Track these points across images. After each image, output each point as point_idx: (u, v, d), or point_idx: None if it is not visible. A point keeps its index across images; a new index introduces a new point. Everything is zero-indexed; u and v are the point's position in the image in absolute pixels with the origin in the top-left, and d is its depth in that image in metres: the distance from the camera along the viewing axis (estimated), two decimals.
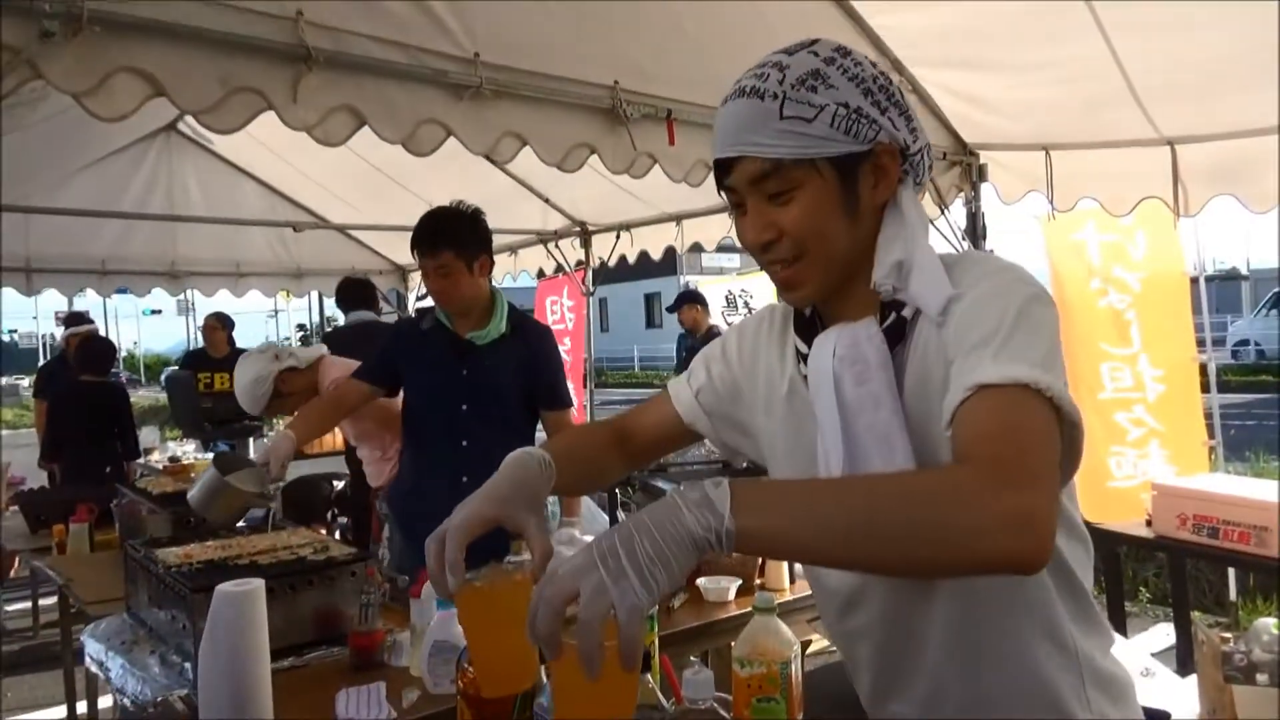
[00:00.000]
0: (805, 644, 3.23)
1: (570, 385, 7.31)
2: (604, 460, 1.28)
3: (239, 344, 6.71)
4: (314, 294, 10.98)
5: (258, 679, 1.59)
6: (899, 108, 1.04)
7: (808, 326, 1.12)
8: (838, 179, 1.01)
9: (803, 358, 1.10)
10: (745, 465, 4.07)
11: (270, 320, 39.02)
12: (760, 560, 2.44)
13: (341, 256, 6.66)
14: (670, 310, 7.02)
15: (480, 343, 2.62)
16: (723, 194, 1.07)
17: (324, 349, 3.35)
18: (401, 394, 2.80)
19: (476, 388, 2.61)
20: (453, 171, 4.61)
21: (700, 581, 2.35)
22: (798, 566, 2.56)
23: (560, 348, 7.25)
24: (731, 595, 2.32)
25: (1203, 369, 4.41)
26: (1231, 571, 4.49)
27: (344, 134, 2.26)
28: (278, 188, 5.99)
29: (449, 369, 2.62)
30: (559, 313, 7.35)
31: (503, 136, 2.51)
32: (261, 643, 1.61)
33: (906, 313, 1.02)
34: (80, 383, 5.21)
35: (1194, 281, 4.53)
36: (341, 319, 5.17)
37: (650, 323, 34.48)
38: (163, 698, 1.71)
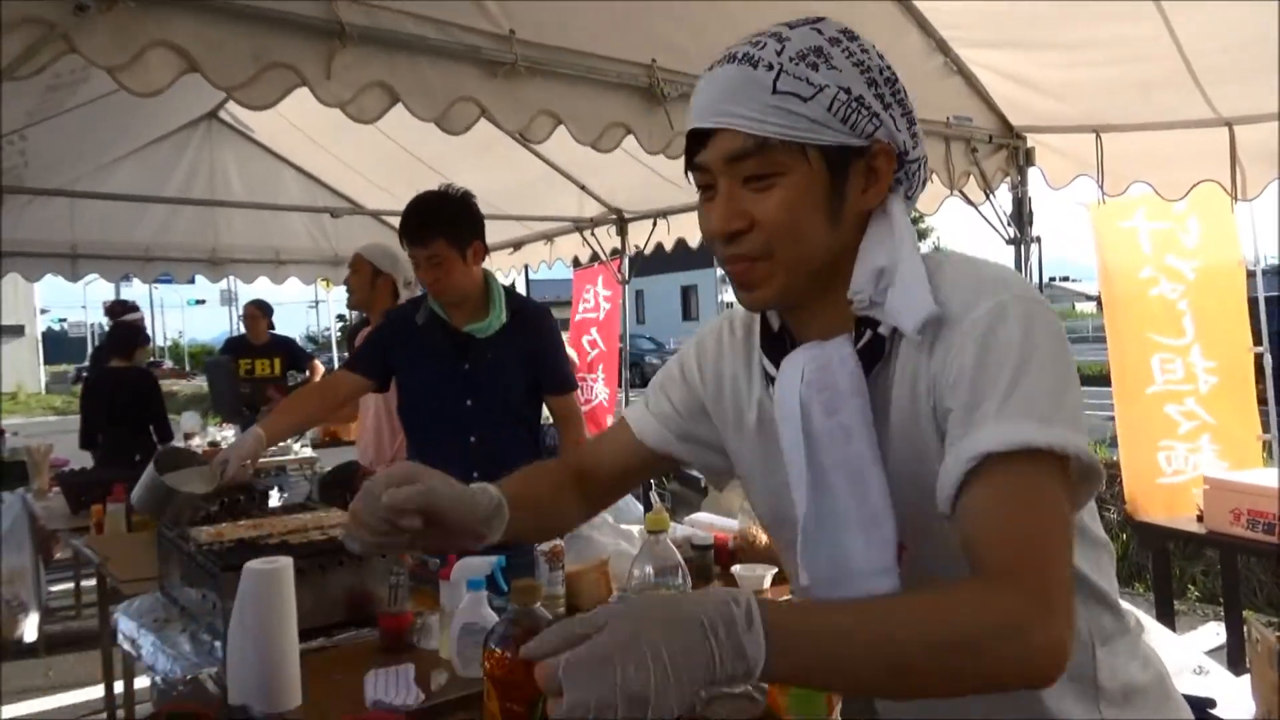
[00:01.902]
0: None
1: (602, 376, 7.30)
2: (560, 504, 1.19)
3: (280, 332, 6.81)
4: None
5: (285, 657, 1.57)
6: (903, 106, 0.94)
7: (776, 344, 1.01)
8: (826, 172, 0.90)
9: (771, 380, 1.00)
10: None
11: (311, 311, 39.58)
12: None
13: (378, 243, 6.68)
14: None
15: (481, 336, 2.49)
16: (689, 175, 0.96)
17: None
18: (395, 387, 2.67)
19: (480, 383, 2.49)
20: (489, 158, 4.61)
21: (735, 569, 2.30)
22: None
23: (588, 337, 7.17)
24: (767, 583, 2.27)
25: (1258, 361, 4.27)
26: None
27: (377, 111, 2.24)
28: (316, 175, 6.04)
29: (449, 365, 2.49)
30: (593, 301, 7.32)
31: (537, 115, 2.47)
32: (289, 621, 1.60)
33: (884, 330, 0.92)
34: (109, 369, 5.28)
35: (1250, 275, 4.39)
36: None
37: (687, 315, 34.44)
38: (192, 676, 1.70)
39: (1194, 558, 5.10)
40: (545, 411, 2.71)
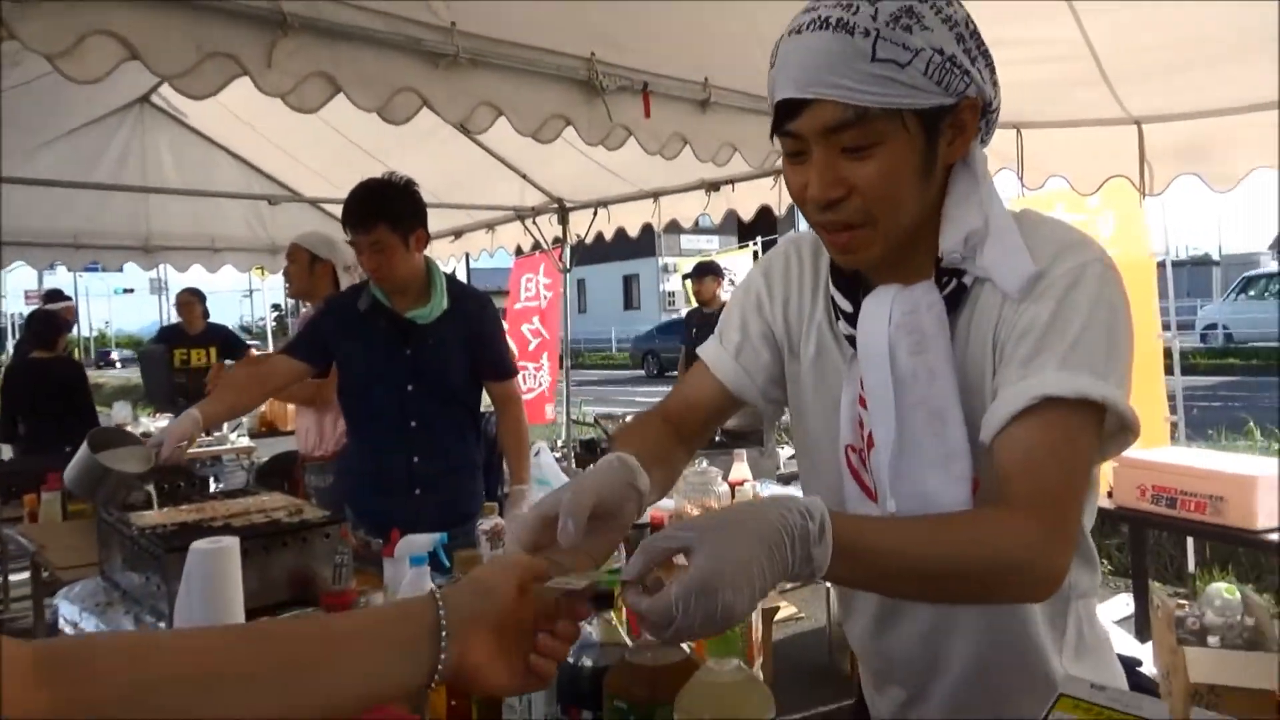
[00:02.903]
0: (774, 610, 3.31)
1: (546, 364, 7.33)
2: (673, 456, 1.17)
3: (215, 321, 6.70)
4: None
5: None
6: (986, 57, 0.94)
7: (847, 280, 1.04)
8: (922, 134, 0.91)
9: (842, 315, 1.04)
10: (717, 439, 4.14)
11: (245, 300, 38.72)
12: None
13: (314, 231, 6.62)
14: (688, 278, 6.71)
15: (422, 322, 2.53)
16: (775, 138, 0.96)
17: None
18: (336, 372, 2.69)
19: (422, 368, 2.54)
20: (430, 147, 4.62)
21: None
22: None
23: (529, 325, 7.18)
24: None
25: (1167, 351, 4.51)
26: (1190, 545, 4.61)
27: (318, 101, 2.26)
28: (253, 162, 5.95)
29: (391, 350, 2.53)
30: (534, 290, 7.35)
31: (478, 106, 2.51)
32: (236, 600, 1.64)
33: (967, 280, 0.97)
34: (31, 359, 5.18)
35: (1160, 265, 4.62)
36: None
37: (629, 304, 34.51)
38: None
39: (1110, 534, 5.35)
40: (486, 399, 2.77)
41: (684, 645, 0.97)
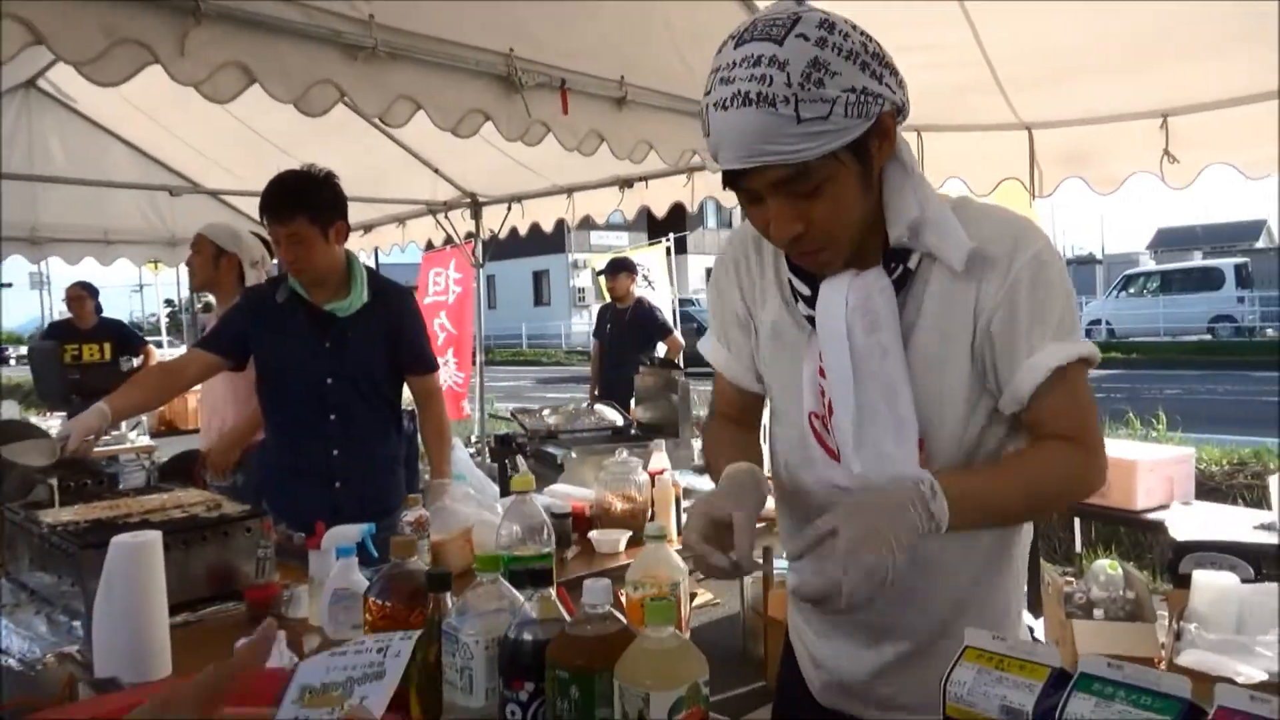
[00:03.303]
0: (690, 596, 3.38)
1: (454, 360, 7.27)
2: (759, 446, 1.35)
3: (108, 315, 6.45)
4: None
5: (155, 629, 1.59)
6: (890, 69, 1.03)
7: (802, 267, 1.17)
8: (856, 159, 1.02)
9: (800, 297, 1.17)
10: (633, 432, 4.21)
11: (135, 295, 37.03)
12: (649, 511, 2.55)
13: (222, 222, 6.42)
14: (602, 274, 6.72)
15: (342, 314, 2.52)
16: (727, 189, 1.07)
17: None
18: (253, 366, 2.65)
19: (341, 361, 2.52)
20: (340, 138, 4.54)
21: (592, 534, 2.45)
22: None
23: (437, 320, 7.07)
24: (622, 547, 2.42)
25: None
26: (1077, 526, 4.89)
27: (233, 91, 2.23)
28: (149, 151, 5.73)
29: (310, 343, 2.51)
30: (443, 285, 7.27)
31: (397, 100, 2.51)
32: (159, 593, 1.61)
33: (912, 263, 1.10)
34: None
35: None
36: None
37: (538, 300, 34.35)
38: (53, 654, 1.69)
39: None
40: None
41: (620, 616, 1.02)
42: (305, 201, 2.42)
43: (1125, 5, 2.84)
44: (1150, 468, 3.43)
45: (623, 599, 1.38)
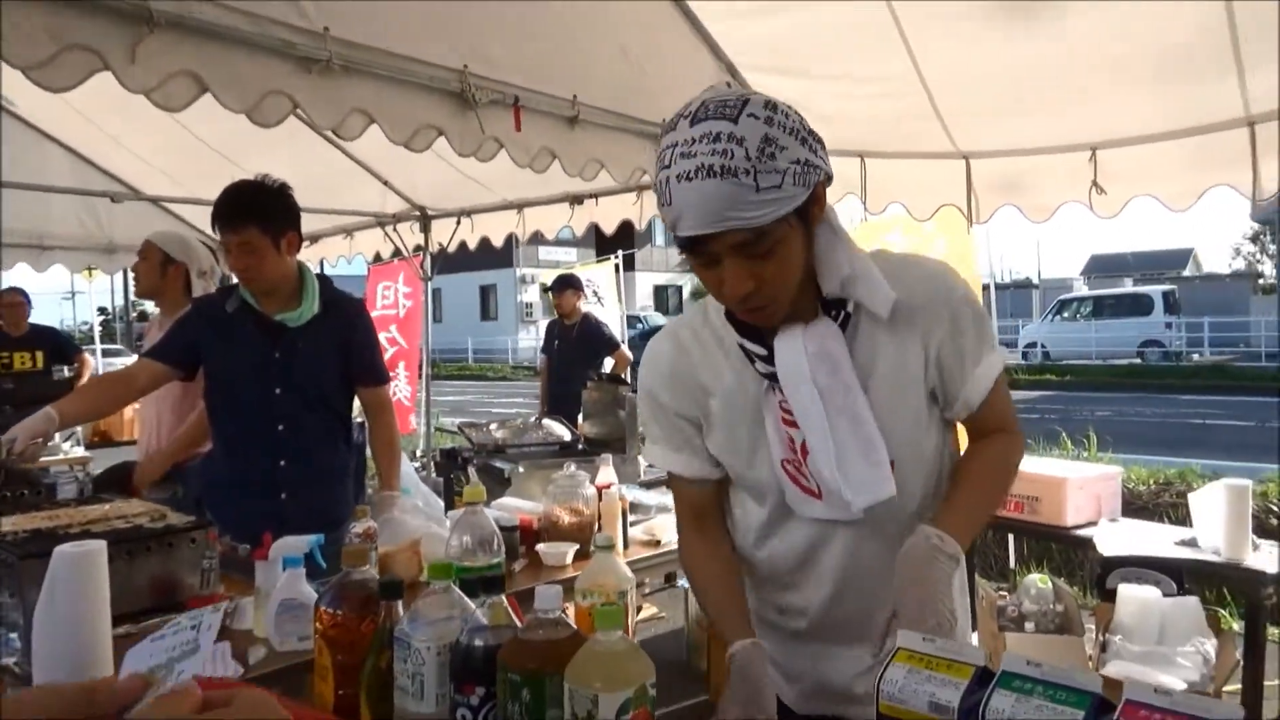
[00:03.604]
0: (636, 609, 3.41)
1: (404, 374, 7.21)
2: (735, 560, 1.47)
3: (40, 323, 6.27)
4: (123, 273, 10.30)
5: (99, 638, 1.57)
6: (820, 143, 1.18)
7: (751, 330, 1.28)
8: (801, 224, 1.16)
9: (758, 358, 1.28)
10: (580, 447, 4.24)
11: (66, 302, 35.96)
12: (596, 524, 2.58)
13: (172, 230, 6.30)
14: (549, 291, 6.74)
15: (292, 325, 2.53)
16: (683, 254, 1.18)
17: None
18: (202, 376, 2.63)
19: (291, 372, 2.53)
20: (287, 148, 4.49)
21: (540, 547, 2.47)
22: (632, 532, 2.72)
23: (386, 334, 6.98)
24: (569, 559, 2.45)
25: None
26: (1011, 543, 5.04)
27: (185, 100, 2.22)
28: (89, 156, 5.61)
29: (260, 352, 2.51)
30: (391, 298, 7.22)
31: (351, 113, 2.52)
32: (103, 602, 1.59)
33: (850, 308, 1.25)
34: None
35: (985, 288, 5.03)
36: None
37: (485, 315, 34.15)
38: None
39: None
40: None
41: (569, 621, 1.06)
42: (258, 211, 2.42)
43: (1057, 45, 2.98)
44: (1079, 485, 3.55)
45: (570, 609, 1.41)
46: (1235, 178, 3.14)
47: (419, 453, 6.55)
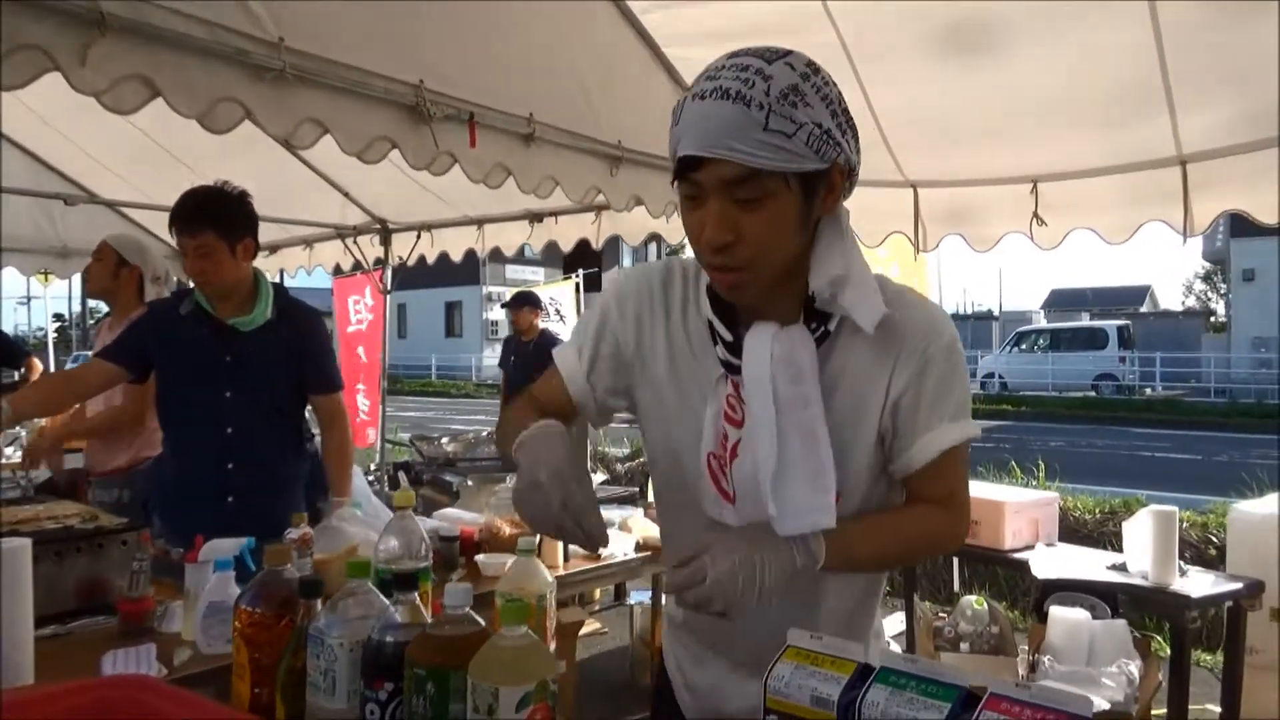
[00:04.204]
0: (578, 625, 3.43)
1: (364, 388, 7.17)
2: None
3: None
4: (77, 277, 10.14)
5: (19, 641, 1.57)
6: (853, 130, 1.13)
7: (725, 311, 1.21)
8: (801, 192, 1.08)
9: (721, 341, 1.21)
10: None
11: (21, 307, 35.27)
12: (538, 540, 2.59)
13: (128, 234, 6.24)
14: (506, 307, 6.74)
15: (244, 329, 2.56)
16: (675, 183, 1.12)
17: None
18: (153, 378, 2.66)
19: (241, 375, 2.55)
20: (246, 156, 4.47)
21: (479, 558, 2.48)
22: (573, 549, 2.74)
23: (358, 348, 6.93)
24: (507, 569, 2.45)
25: None
26: (955, 566, 5.11)
27: (135, 103, 2.23)
28: (43, 157, 5.55)
29: (210, 355, 2.54)
30: (361, 312, 7.17)
31: (303, 122, 2.53)
32: (25, 605, 1.59)
33: (832, 325, 1.17)
34: None
35: None
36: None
37: (450, 331, 34.00)
38: None
39: None
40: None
41: (479, 619, 1.08)
42: (215, 216, 2.47)
43: (1000, 81, 3.08)
44: (1016, 510, 3.63)
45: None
46: (1169, 214, 3.25)
47: (374, 466, 6.51)
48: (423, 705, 1.03)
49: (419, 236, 5.51)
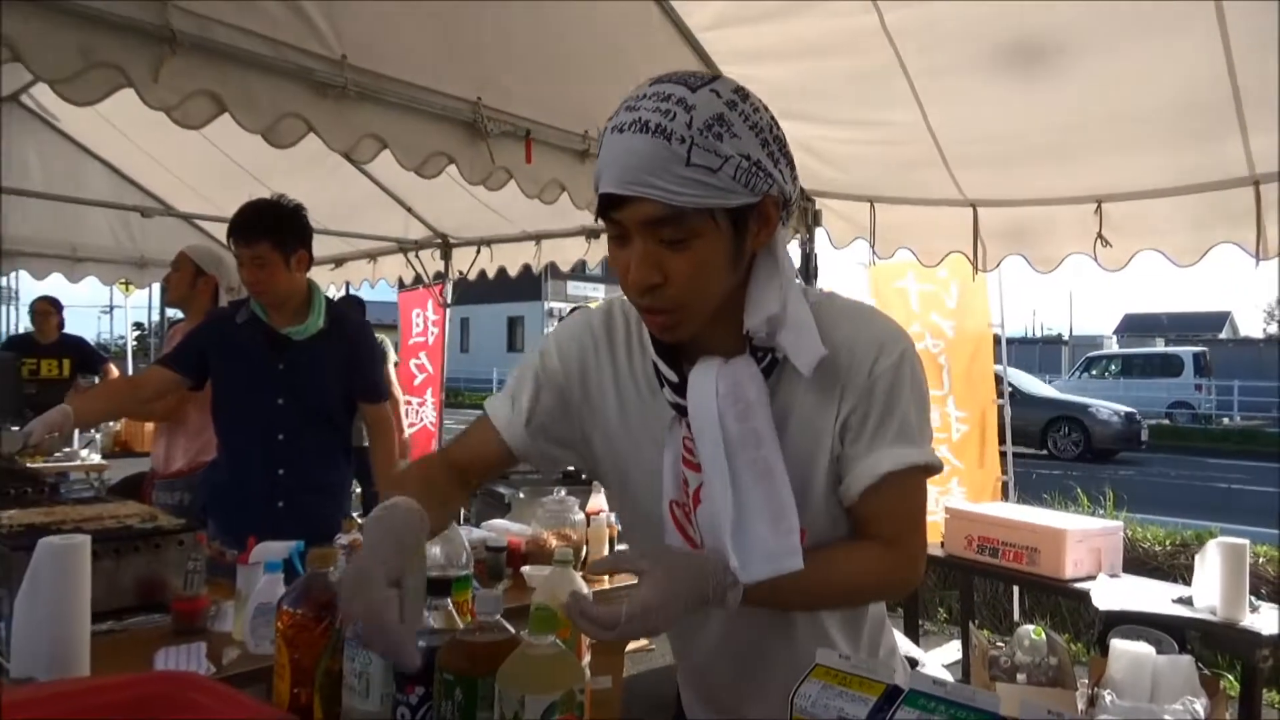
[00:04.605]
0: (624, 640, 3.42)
1: (430, 400, 7.27)
2: (452, 498, 1.28)
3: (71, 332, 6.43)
4: (155, 287, 10.51)
5: (77, 636, 1.61)
6: (788, 158, 1.05)
7: (668, 351, 1.14)
8: (731, 228, 1.02)
9: (667, 383, 1.14)
10: (584, 476, 4.26)
11: (104, 316, 36.64)
12: (585, 552, 2.60)
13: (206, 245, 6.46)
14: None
15: (297, 338, 2.63)
16: (599, 220, 1.05)
17: None
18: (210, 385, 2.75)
19: (292, 383, 2.62)
20: (314, 171, 4.64)
21: (524, 569, 2.50)
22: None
23: (416, 361, 7.06)
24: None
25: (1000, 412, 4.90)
26: (1015, 595, 4.98)
27: (203, 118, 2.31)
28: (126, 172, 5.80)
29: (264, 363, 2.62)
30: (423, 325, 7.28)
31: (364, 138, 2.60)
32: (83, 599, 1.64)
33: (779, 354, 1.09)
34: None
35: (996, 340, 5.03)
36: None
37: (512, 346, 34.38)
38: None
39: (951, 586, 5.70)
40: None
41: (509, 627, 1.09)
42: (271, 228, 2.55)
43: (1062, 97, 3.02)
44: (1079, 538, 3.52)
45: None
46: (1241, 235, 3.14)
47: None
48: (451, 711, 1.04)
49: (479, 251, 5.60)
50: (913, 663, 1.48)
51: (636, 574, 1.04)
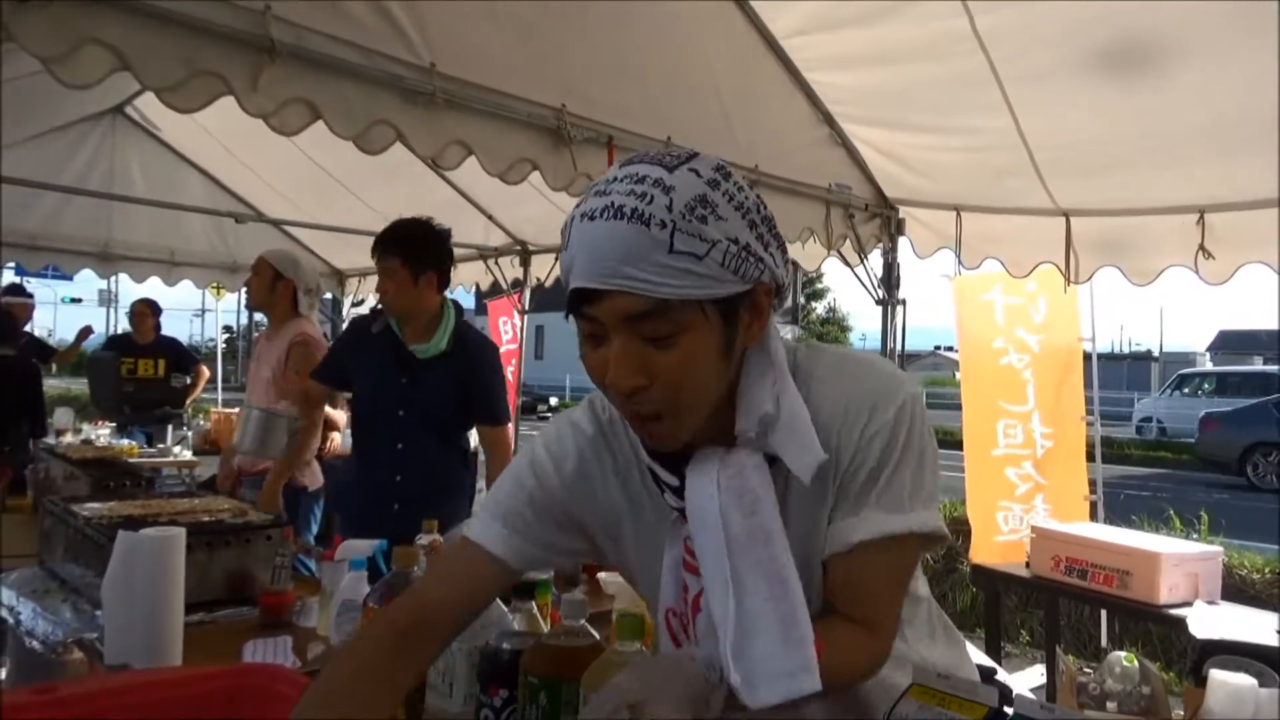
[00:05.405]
0: None
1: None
2: (393, 677, 1.02)
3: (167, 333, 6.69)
4: (244, 291, 10.88)
5: (169, 621, 1.67)
6: (777, 240, 0.96)
7: (664, 453, 1.02)
8: (721, 320, 0.92)
9: (667, 488, 1.03)
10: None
11: (196, 319, 38.10)
12: None
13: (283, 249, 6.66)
14: None
15: (422, 356, 2.72)
16: (569, 317, 0.94)
17: None
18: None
19: (414, 398, 2.72)
20: (398, 179, 4.73)
21: (600, 575, 2.49)
22: None
23: (510, 368, 7.15)
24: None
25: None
26: (1103, 618, 4.79)
27: (298, 125, 2.37)
28: (221, 180, 6.01)
29: (390, 375, 2.73)
30: (511, 332, 7.37)
31: (450, 144, 2.64)
32: (176, 587, 1.69)
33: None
34: None
35: (1086, 356, 4.85)
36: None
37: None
38: (74, 638, 1.77)
39: (1035, 607, 5.52)
40: None
41: (594, 632, 1.07)
42: (404, 245, 2.65)
43: (1161, 102, 2.90)
44: (1174, 562, 3.37)
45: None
46: None
47: None
48: (535, 714, 1.03)
49: (557, 258, 5.63)
50: (991, 672, 1.39)
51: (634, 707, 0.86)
